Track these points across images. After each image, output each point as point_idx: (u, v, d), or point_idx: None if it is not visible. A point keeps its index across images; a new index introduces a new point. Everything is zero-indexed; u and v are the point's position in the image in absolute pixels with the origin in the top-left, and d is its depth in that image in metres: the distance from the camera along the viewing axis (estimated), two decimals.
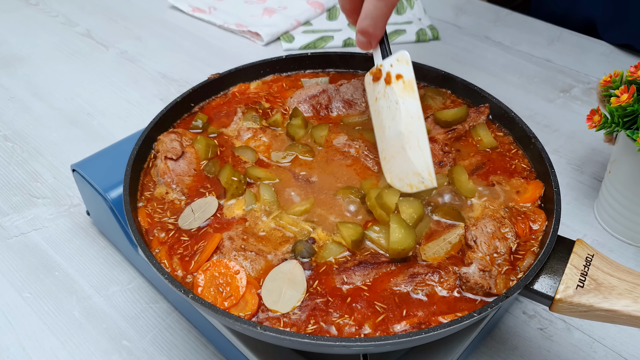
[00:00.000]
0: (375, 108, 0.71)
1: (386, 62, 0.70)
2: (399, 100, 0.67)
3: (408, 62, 0.69)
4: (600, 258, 0.60)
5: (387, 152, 0.70)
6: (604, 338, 0.77)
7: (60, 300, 0.82)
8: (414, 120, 0.67)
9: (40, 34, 1.41)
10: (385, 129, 0.69)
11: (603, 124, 0.82)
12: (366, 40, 0.71)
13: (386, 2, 0.68)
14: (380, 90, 0.70)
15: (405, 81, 0.68)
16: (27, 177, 1.02)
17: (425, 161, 0.66)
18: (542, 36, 1.38)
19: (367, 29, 0.70)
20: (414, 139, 0.66)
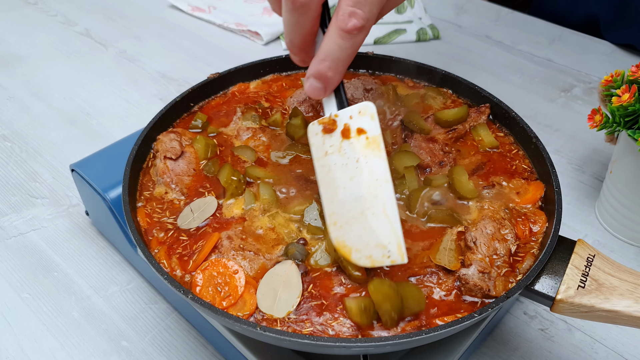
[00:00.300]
0: (324, 164, 0.60)
1: (344, 113, 0.60)
2: (360, 158, 0.58)
3: (373, 116, 0.58)
4: (602, 258, 0.60)
5: (339, 217, 0.59)
6: (605, 339, 0.77)
7: (59, 301, 0.82)
8: (379, 183, 0.57)
9: (39, 33, 1.41)
10: (339, 189, 0.59)
11: (604, 123, 0.82)
12: (322, 86, 0.58)
13: (352, 43, 0.55)
14: (334, 144, 0.60)
15: (370, 137, 0.58)
16: (25, 177, 1.02)
17: (394, 232, 0.57)
18: (543, 35, 1.38)
19: (325, 73, 0.57)
20: (378, 204, 0.57)
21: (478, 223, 0.65)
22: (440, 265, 0.62)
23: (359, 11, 0.54)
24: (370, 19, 0.54)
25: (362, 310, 0.56)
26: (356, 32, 0.54)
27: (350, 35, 0.54)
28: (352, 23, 0.54)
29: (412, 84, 0.89)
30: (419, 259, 0.63)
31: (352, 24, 0.54)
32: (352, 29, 0.54)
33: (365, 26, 0.55)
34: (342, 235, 0.59)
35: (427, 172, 0.73)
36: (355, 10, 0.54)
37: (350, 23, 0.54)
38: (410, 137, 0.76)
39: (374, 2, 0.54)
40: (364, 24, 0.54)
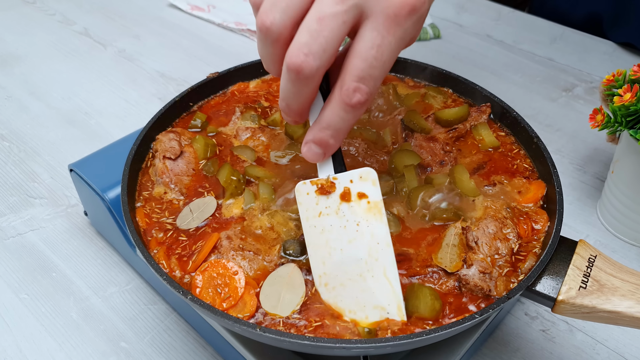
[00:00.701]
0: (316, 224, 0.60)
1: (344, 177, 0.59)
2: (361, 222, 0.58)
3: (375, 182, 0.59)
4: (603, 259, 0.60)
5: (331, 279, 0.59)
6: (606, 340, 0.77)
7: (58, 302, 0.82)
8: (381, 247, 0.58)
9: (37, 32, 1.41)
10: (334, 251, 0.59)
11: (606, 123, 0.82)
12: (322, 152, 0.57)
13: (355, 116, 0.54)
14: (331, 206, 0.59)
15: (371, 202, 0.59)
16: (24, 177, 1.02)
17: (395, 294, 0.58)
18: (544, 35, 1.38)
19: (327, 141, 0.56)
20: (379, 267, 0.58)
21: (480, 222, 0.65)
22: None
23: (363, 87, 0.53)
24: (374, 93, 0.54)
25: None
26: (359, 107, 0.54)
27: (354, 109, 0.54)
28: (357, 98, 0.53)
29: (412, 84, 0.89)
30: (421, 257, 0.63)
31: (356, 99, 0.53)
32: (356, 104, 0.54)
33: (368, 100, 0.54)
34: (334, 297, 0.59)
35: (428, 171, 0.73)
36: (360, 85, 0.53)
37: (355, 98, 0.53)
38: (410, 137, 0.76)
39: (378, 77, 0.53)
40: (367, 99, 0.54)
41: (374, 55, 0.52)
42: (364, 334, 0.56)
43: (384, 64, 0.53)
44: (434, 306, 0.58)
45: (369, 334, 0.56)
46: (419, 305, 0.58)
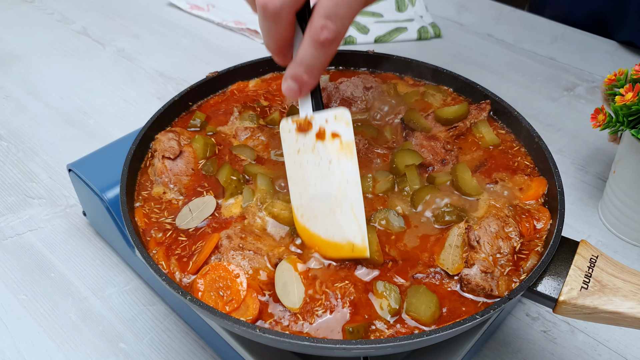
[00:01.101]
0: (295, 160, 0.65)
1: (319, 116, 0.64)
2: (332, 160, 0.62)
3: (348, 122, 0.62)
4: (605, 259, 0.60)
5: (306, 211, 0.64)
6: (608, 341, 0.77)
7: (56, 302, 0.82)
8: (350, 185, 0.62)
9: (35, 31, 1.41)
10: (309, 186, 0.64)
11: (607, 123, 0.82)
12: (297, 87, 0.62)
13: (326, 53, 0.59)
14: (308, 144, 0.64)
15: (343, 142, 0.62)
16: (22, 177, 1.02)
17: (360, 229, 0.61)
18: (545, 34, 1.38)
19: (301, 76, 0.61)
20: (347, 203, 0.62)
21: (482, 221, 0.65)
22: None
23: (330, 24, 0.57)
24: (342, 31, 0.58)
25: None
26: (328, 44, 0.58)
27: (323, 46, 0.58)
28: (324, 35, 0.57)
29: (412, 82, 0.89)
30: (424, 257, 0.63)
31: (324, 36, 0.57)
32: (324, 41, 0.58)
33: (336, 38, 0.58)
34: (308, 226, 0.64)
35: (430, 170, 0.73)
36: (327, 23, 0.57)
37: (323, 35, 0.57)
38: (411, 135, 0.76)
39: (346, 16, 0.57)
40: (335, 36, 0.58)
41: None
42: (348, 334, 0.57)
43: (350, 4, 0.57)
44: (433, 314, 0.58)
45: (352, 334, 0.56)
46: (420, 307, 0.58)
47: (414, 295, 0.59)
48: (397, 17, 1.42)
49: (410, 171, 0.70)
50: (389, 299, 0.59)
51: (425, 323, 0.58)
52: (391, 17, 1.42)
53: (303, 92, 0.63)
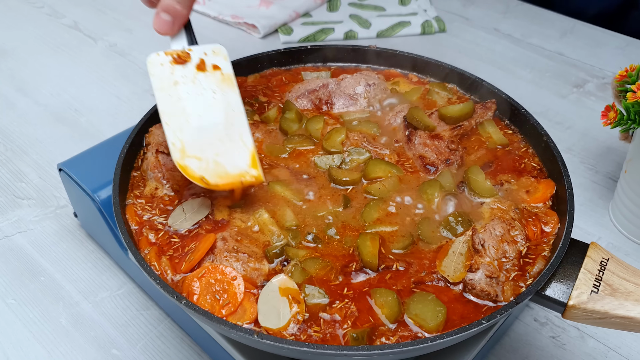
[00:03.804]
0: (171, 93, 0.68)
1: (198, 49, 0.69)
2: (217, 90, 0.67)
3: (226, 57, 0.69)
4: (616, 262, 0.60)
5: (190, 145, 0.66)
6: (619, 347, 0.77)
7: (46, 307, 0.82)
8: (236, 114, 0.67)
9: (24, 26, 1.41)
10: (191, 117, 0.67)
11: (619, 120, 0.82)
12: (171, 19, 0.67)
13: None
14: (187, 75, 0.68)
15: (224, 74, 0.68)
16: (11, 177, 1.02)
17: (250, 155, 0.66)
18: (554, 28, 1.38)
19: (174, 6, 0.66)
20: (235, 132, 0.66)
21: (487, 224, 0.65)
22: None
23: None
24: None
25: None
26: None
27: None
28: None
29: (416, 79, 0.89)
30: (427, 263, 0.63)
31: None
32: None
33: None
34: (190, 162, 0.65)
35: (433, 170, 0.73)
36: None
37: None
38: (414, 134, 0.76)
39: None
40: None
41: None
42: (352, 340, 0.56)
43: None
44: (439, 325, 0.58)
45: (356, 340, 0.56)
46: (427, 315, 0.58)
47: (420, 301, 0.59)
48: (400, 10, 1.42)
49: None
50: (387, 306, 0.59)
51: (429, 330, 0.58)
52: (394, 10, 1.42)
53: (176, 24, 0.67)
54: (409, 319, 0.59)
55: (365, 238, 0.64)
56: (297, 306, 0.59)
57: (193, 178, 0.65)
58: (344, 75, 0.86)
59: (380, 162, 0.73)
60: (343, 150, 0.75)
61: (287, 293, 0.60)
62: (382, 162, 0.73)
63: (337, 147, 0.76)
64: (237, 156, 0.65)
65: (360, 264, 0.63)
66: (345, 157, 0.75)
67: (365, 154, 0.74)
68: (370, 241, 0.63)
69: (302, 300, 0.59)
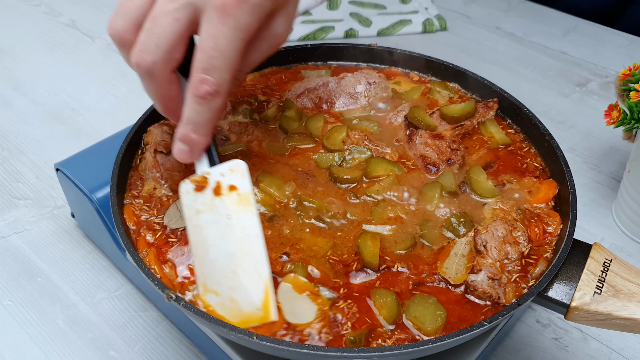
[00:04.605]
0: (196, 223, 0.62)
1: (215, 171, 0.62)
2: (231, 215, 0.60)
3: (244, 173, 0.61)
4: (619, 263, 0.60)
5: (208, 279, 0.60)
6: (622, 349, 0.77)
7: (43, 308, 0.82)
8: (250, 240, 0.60)
9: (21, 24, 1.41)
10: (210, 248, 0.61)
11: (622, 120, 0.82)
12: (188, 149, 0.61)
13: (210, 108, 0.59)
14: (206, 202, 0.62)
15: (241, 194, 0.61)
16: (7, 177, 1.02)
17: (265, 289, 0.59)
18: (556, 26, 1.38)
19: (189, 136, 0.60)
20: (249, 262, 0.59)
21: (489, 225, 0.65)
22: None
23: (209, 77, 0.57)
24: (222, 84, 0.58)
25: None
26: (210, 98, 0.58)
27: (205, 100, 0.58)
28: (204, 89, 0.57)
29: (417, 78, 0.89)
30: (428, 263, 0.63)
31: (204, 90, 0.57)
32: (205, 95, 0.58)
33: (218, 91, 0.58)
34: (209, 298, 0.60)
35: (434, 170, 0.73)
36: (204, 77, 0.57)
37: (202, 89, 0.57)
38: (415, 134, 0.76)
39: (223, 68, 0.57)
40: (216, 89, 0.58)
41: (211, 45, 0.56)
42: (349, 343, 0.56)
43: (223, 53, 0.57)
44: (438, 329, 0.58)
45: (353, 343, 0.56)
46: (426, 318, 0.58)
47: (420, 303, 0.59)
48: (401, 9, 1.42)
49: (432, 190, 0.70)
50: (386, 307, 0.59)
51: (427, 334, 0.58)
52: (395, 9, 1.42)
53: (195, 153, 0.62)
54: (408, 321, 0.59)
55: (365, 238, 0.64)
56: (318, 298, 0.59)
57: (211, 313, 0.60)
58: (345, 74, 0.86)
59: (382, 161, 0.73)
60: (344, 148, 0.76)
61: (303, 289, 0.60)
62: (383, 161, 0.73)
63: (338, 145, 0.76)
64: (251, 290, 0.59)
65: (360, 264, 0.63)
66: (346, 155, 0.75)
67: (367, 153, 0.74)
68: (370, 241, 0.63)
69: (319, 292, 0.60)
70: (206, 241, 0.61)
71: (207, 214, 0.61)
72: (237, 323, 0.58)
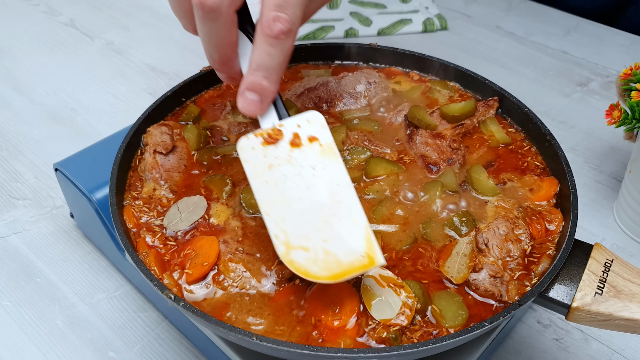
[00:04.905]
0: (268, 179, 0.59)
1: (290, 122, 0.60)
2: (317, 165, 0.58)
3: (324, 125, 0.60)
4: (620, 263, 0.60)
5: (293, 235, 0.58)
6: (623, 349, 0.77)
7: (42, 309, 0.82)
8: (342, 188, 0.58)
9: (20, 23, 1.41)
10: (292, 202, 0.58)
11: (623, 120, 0.82)
12: (258, 98, 0.58)
13: (282, 49, 0.57)
14: (282, 155, 0.59)
15: (323, 144, 0.59)
16: (6, 177, 1.02)
17: (365, 236, 0.57)
18: (557, 26, 1.38)
19: (260, 83, 0.57)
20: (344, 210, 0.57)
21: (490, 223, 0.65)
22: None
23: (282, 15, 0.56)
24: (296, 22, 0.56)
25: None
26: (284, 37, 0.56)
27: (279, 40, 0.56)
28: (278, 27, 0.56)
29: (417, 77, 0.89)
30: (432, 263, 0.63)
31: (278, 29, 0.56)
32: (279, 34, 0.56)
33: (291, 29, 0.56)
34: (297, 256, 0.58)
35: (435, 170, 0.73)
36: (278, 14, 0.55)
37: (276, 28, 0.56)
38: (415, 133, 0.76)
39: (297, 3, 0.56)
40: (290, 27, 0.56)
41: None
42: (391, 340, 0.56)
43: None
44: (457, 320, 0.58)
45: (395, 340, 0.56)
46: (447, 312, 0.58)
47: (445, 299, 0.60)
48: (402, 8, 1.42)
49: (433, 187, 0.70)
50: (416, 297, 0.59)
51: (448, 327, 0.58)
52: (395, 8, 1.42)
53: (265, 103, 0.59)
54: (431, 314, 0.59)
55: None
56: (402, 291, 0.59)
57: (300, 272, 0.58)
58: (345, 74, 0.86)
59: (382, 161, 0.73)
60: (343, 148, 0.75)
61: (387, 282, 0.59)
62: (383, 161, 0.73)
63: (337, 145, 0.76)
64: (350, 238, 0.57)
65: None
66: (346, 155, 0.75)
67: (366, 153, 0.74)
68: None
69: (403, 284, 0.59)
70: (285, 196, 0.59)
71: (285, 166, 0.59)
72: (338, 275, 0.56)
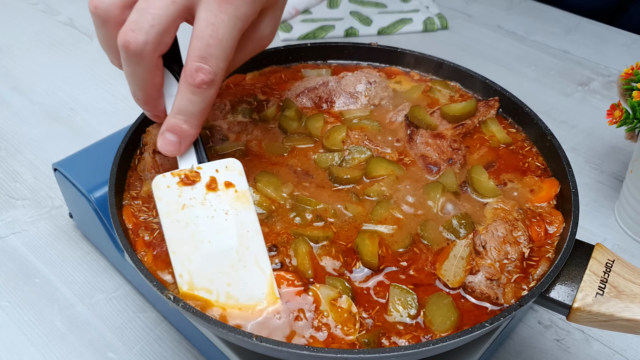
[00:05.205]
0: (179, 218, 0.60)
1: (208, 166, 0.62)
2: (229, 210, 0.61)
3: (241, 172, 0.62)
4: (621, 264, 0.60)
5: (198, 275, 0.59)
6: (625, 350, 0.77)
7: (41, 309, 0.82)
8: (251, 235, 0.60)
9: (19, 23, 1.41)
10: (201, 244, 0.60)
11: (624, 119, 0.82)
12: (177, 140, 0.60)
13: (204, 97, 0.59)
14: (196, 196, 0.61)
15: (239, 191, 0.61)
16: (5, 177, 1.02)
17: (267, 282, 0.59)
18: (558, 25, 1.38)
19: (180, 126, 0.60)
20: (251, 256, 0.60)
21: (489, 225, 0.65)
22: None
23: (205, 66, 0.57)
24: (218, 73, 0.58)
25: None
26: (205, 87, 0.58)
27: (200, 89, 0.58)
28: (200, 78, 0.57)
29: (417, 77, 0.89)
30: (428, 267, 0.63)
31: (199, 79, 0.57)
32: (200, 84, 0.58)
33: (213, 80, 0.58)
34: (199, 293, 0.59)
35: (435, 170, 0.73)
36: (201, 65, 0.57)
37: (198, 78, 0.57)
38: (415, 133, 0.76)
39: (221, 56, 0.57)
40: (212, 78, 0.58)
41: (210, 33, 0.56)
42: (363, 345, 0.56)
43: (221, 42, 0.57)
44: (447, 329, 0.58)
45: (367, 345, 0.56)
46: (437, 319, 0.58)
47: (435, 302, 0.59)
48: (402, 7, 1.42)
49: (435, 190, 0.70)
50: (405, 306, 0.59)
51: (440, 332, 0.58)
52: (395, 7, 1.42)
53: (183, 145, 0.61)
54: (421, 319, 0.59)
55: (364, 237, 0.64)
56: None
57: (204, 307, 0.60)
58: (345, 73, 0.86)
59: (382, 161, 0.73)
60: (344, 148, 0.75)
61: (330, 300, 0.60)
62: (383, 161, 0.73)
63: (337, 145, 0.76)
64: (253, 285, 0.59)
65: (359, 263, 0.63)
66: (346, 155, 0.75)
67: (367, 153, 0.74)
68: (369, 240, 0.63)
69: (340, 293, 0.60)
70: (195, 237, 0.60)
71: (198, 208, 0.61)
72: (236, 317, 0.58)
